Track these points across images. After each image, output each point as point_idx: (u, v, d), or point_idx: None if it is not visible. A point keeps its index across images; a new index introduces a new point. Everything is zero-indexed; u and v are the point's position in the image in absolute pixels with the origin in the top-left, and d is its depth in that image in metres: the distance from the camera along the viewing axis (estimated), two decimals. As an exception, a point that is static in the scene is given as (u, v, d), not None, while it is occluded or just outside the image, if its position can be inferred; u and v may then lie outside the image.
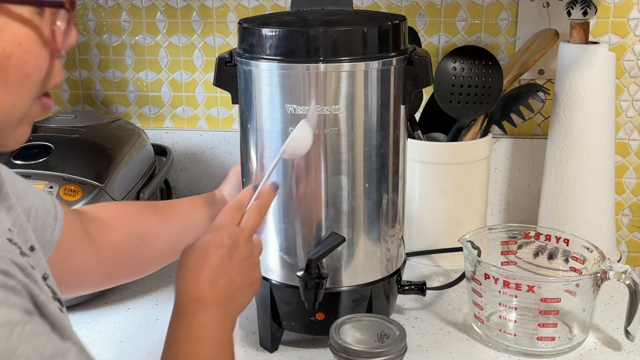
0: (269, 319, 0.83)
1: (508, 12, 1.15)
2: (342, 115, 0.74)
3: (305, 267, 0.76)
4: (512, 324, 0.85)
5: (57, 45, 0.46)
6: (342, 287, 0.80)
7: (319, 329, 0.80)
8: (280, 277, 0.80)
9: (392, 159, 0.79)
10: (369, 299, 0.81)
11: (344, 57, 0.73)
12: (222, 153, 1.28)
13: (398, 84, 0.77)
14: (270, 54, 0.74)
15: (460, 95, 1.04)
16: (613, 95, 1.01)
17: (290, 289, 0.80)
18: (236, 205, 0.71)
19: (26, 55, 0.45)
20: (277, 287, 0.81)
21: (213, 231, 0.68)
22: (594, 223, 1.02)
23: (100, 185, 0.98)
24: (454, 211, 1.06)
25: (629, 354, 0.84)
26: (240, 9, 1.22)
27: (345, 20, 0.78)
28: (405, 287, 0.87)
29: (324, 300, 0.77)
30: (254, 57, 0.76)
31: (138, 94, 1.30)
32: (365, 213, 0.78)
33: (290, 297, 0.80)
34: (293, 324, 0.83)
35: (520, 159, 1.19)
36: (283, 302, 0.82)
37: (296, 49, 0.73)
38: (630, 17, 1.11)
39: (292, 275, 0.78)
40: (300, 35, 0.73)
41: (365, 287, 0.80)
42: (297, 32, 0.73)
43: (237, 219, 0.69)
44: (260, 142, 0.78)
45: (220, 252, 0.65)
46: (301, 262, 0.78)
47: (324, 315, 0.80)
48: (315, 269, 0.75)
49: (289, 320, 0.83)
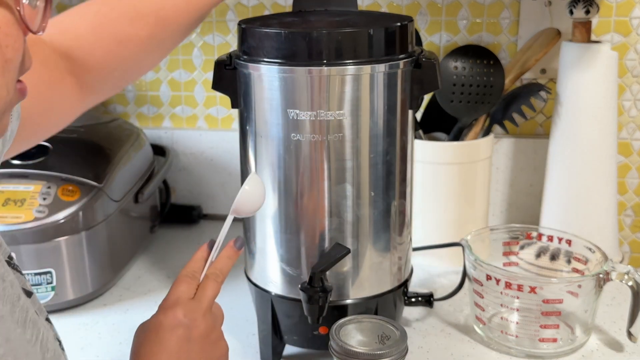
0: (270, 332, 0.81)
1: (510, 11, 1.14)
2: (346, 121, 0.72)
3: (309, 279, 0.73)
4: (514, 325, 0.85)
5: (30, 26, 0.43)
6: (347, 300, 0.77)
7: (322, 343, 0.76)
8: (282, 289, 0.78)
9: (399, 165, 0.76)
10: (374, 311, 0.79)
11: (349, 59, 0.70)
12: (222, 153, 1.27)
13: (405, 88, 0.74)
14: (271, 56, 0.72)
15: (461, 95, 1.03)
16: (615, 94, 1.00)
17: (292, 302, 0.77)
18: (190, 274, 0.64)
19: (6, 38, 0.42)
20: (278, 300, 0.78)
21: (166, 309, 0.61)
22: (596, 224, 1.02)
23: (99, 185, 0.98)
24: (455, 211, 1.06)
25: (631, 355, 0.84)
26: (240, 7, 1.21)
27: (350, 22, 0.75)
28: (411, 298, 0.85)
29: (327, 314, 0.75)
30: (254, 60, 0.73)
31: (137, 94, 1.30)
32: (371, 223, 0.76)
33: (293, 310, 0.78)
34: (295, 338, 0.81)
35: (522, 158, 1.18)
36: (285, 315, 0.79)
37: (298, 51, 0.70)
38: (633, 16, 1.10)
39: (295, 287, 0.76)
40: (303, 37, 0.70)
41: (371, 300, 0.78)
42: (299, 33, 0.71)
43: (192, 291, 0.62)
44: (261, 147, 0.75)
45: (176, 335, 0.59)
46: (304, 275, 0.76)
47: (328, 329, 0.75)
48: (319, 281, 0.73)
49: (291, 334, 0.81)
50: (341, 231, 0.75)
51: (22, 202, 0.93)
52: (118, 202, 1.02)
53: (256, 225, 0.78)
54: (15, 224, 0.91)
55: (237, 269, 1.07)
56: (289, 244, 0.76)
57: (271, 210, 0.76)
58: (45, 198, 0.93)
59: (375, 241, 0.77)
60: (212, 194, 1.30)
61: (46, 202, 0.93)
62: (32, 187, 0.95)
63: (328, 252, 0.74)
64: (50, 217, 0.92)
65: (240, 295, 0.99)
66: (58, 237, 0.93)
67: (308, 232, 0.75)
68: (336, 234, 0.75)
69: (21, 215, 0.92)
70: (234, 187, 1.28)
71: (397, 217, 0.78)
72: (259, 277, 0.80)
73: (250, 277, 0.82)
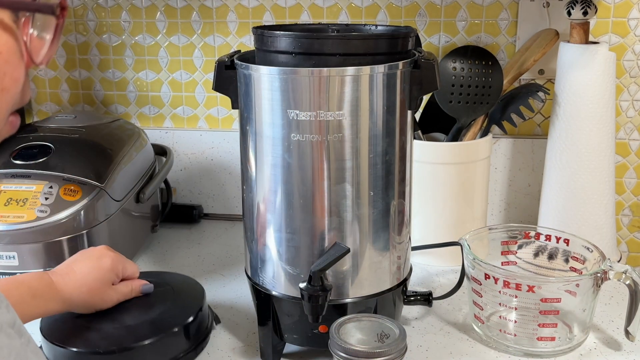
0: (270, 331, 0.81)
1: (508, 12, 1.15)
2: (346, 121, 0.72)
3: (308, 278, 0.74)
4: (512, 324, 0.85)
5: (34, 57, 0.41)
6: (346, 299, 0.77)
7: (322, 341, 0.77)
8: (282, 288, 0.78)
9: (398, 165, 0.77)
10: (373, 310, 0.79)
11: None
12: (222, 153, 1.28)
13: (404, 89, 0.75)
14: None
15: (460, 95, 1.04)
16: (613, 95, 1.01)
17: (292, 301, 0.77)
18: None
19: (5, 66, 0.39)
20: (278, 299, 0.79)
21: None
22: (594, 223, 1.02)
23: (100, 185, 0.98)
24: (454, 211, 1.06)
25: (629, 354, 0.84)
26: (240, 8, 1.22)
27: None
28: (410, 297, 0.86)
29: (327, 313, 0.75)
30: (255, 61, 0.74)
31: (138, 94, 1.30)
32: (370, 222, 0.76)
33: (293, 309, 0.78)
34: (295, 337, 0.81)
35: (520, 159, 1.19)
36: (285, 314, 0.80)
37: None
38: (631, 17, 1.11)
39: (294, 286, 0.76)
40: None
41: (370, 299, 0.78)
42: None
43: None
44: (261, 147, 0.76)
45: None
46: (304, 274, 0.76)
47: (328, 328, 0.76)
48: (319, 280, 0.73)
49: (291, 332, 0.81)
50: (341, 230, 0.75)
51: (24, 202, 0.93)
52: (119, 201, 1.03)
53: (256, 225, 0.79)
54: (17, 224, 0.92)
55: (237, 269, 1.08)
56: (289, 243, 0.77)
57: (271, 210, 0.76)
58: (47, 198, 0.94)
59: (375, 240, 0.77)
60: (213, 194, 1.30)
61: (48, 201, 0.94)
62: (34, 186, 0.95)
63: (328, 252, 0.74)
64: (52, 217, 0.93)
65: (240, 295, 0.99)
66: (60, 237, 0.93)
67: (308, 232, 0.75)
68: (336, 233, 0.75)
69: (23, 214, 0.92)
70: (234, 187, 1.28)
71: (397, 216, 0.79)
72: (259, 276, 0.80)
73: (250, 276, 0.82)
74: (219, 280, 1.04)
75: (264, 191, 0.76)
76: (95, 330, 0.81)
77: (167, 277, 0.95)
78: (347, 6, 1.19)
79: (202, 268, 1.09)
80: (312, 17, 1.20)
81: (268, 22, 1.21)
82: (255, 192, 0.77)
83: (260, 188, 0.76)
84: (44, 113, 1.34)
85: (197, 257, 1.13)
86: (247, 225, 0.81)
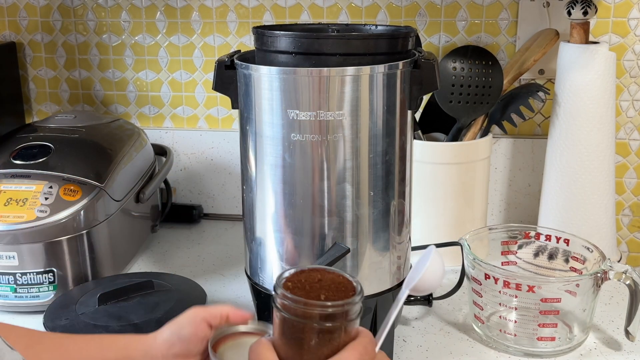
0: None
1: (508, 12, 1.15)
2: (346, 121, 0.72)
3: None
4: (512, 324, 0.85)
5: None
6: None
7: None
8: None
9: (398, 165, 0.77)
10: (374, 310, 0.79)
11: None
12: (222, 153, 1.28)
13: (404, 89, 0.75)
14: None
15: (460, 95, 1.04)
16: (613, 95, 1.01)
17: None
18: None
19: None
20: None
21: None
22: (594, 223, 1.02)
23: (100, 185, 0.98)
24: (454, 211, 1.06)
25: (629, 354, 0.84)
26: (240, 8, 1.22)
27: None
28: (411, 297, 0.86)
29: None
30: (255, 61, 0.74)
31: (138, 94, 1.30)
32: (371, 222, 0.76)
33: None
34: None
35: (520, 159, 1.19)
36: None
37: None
38: (631, 17, 1.11)
39: None
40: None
41: (371, 299, 0.78)
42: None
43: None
44: (261, 147, 0.76)
45: None
46: None
47: None
48: None
49: None
50: (341, 230, 0.75)
51: (24, 202, 0.93)
52: (119, 201, 1.03)
53: (256, 225, 0.79)
54: (17, 224, 0.92)
55: (237, 269, 1.08)
56: (289, 244, 0.77)
57: (271, 210, 0.76)
58: (47, 198, 0.94)
59: (375, 240, 0.77)
60: (213, 194, 1.30)
61: (48, 201, 0.94)
62: (34, 186, 0.95)
63: (328, 252, 0.74)
64: (52, 217, 0.93)
65: (240, 295, 0.99)
66: (60, 237, 0.93)
67: (308, 232, 0.76)
68: (336, 233, 0.75)
69: (23, 214, 0.92)
70: (234, 187, 1.28)
71: (397, 216, 0.79)
72: (259, 276, 0.80)
73: (250, 276, 0.82)
74: (219, 280, 1.04)
75: (264, 191, 0.76)
76: (101, 328, 0.81)
77: (168, 278, 0.96)
78: (347, 6, 1.19)
79: (202, 268, 1.09)
80: (312, 17, 1.20)
81: (268, 22, 1.21)
82: (255, 192, 0.77)
83: (260, 188, 0.76)
84: (44, 113, 1.34)
85: (197, 257, 1.13)
86: (247, 225, 0.81)
